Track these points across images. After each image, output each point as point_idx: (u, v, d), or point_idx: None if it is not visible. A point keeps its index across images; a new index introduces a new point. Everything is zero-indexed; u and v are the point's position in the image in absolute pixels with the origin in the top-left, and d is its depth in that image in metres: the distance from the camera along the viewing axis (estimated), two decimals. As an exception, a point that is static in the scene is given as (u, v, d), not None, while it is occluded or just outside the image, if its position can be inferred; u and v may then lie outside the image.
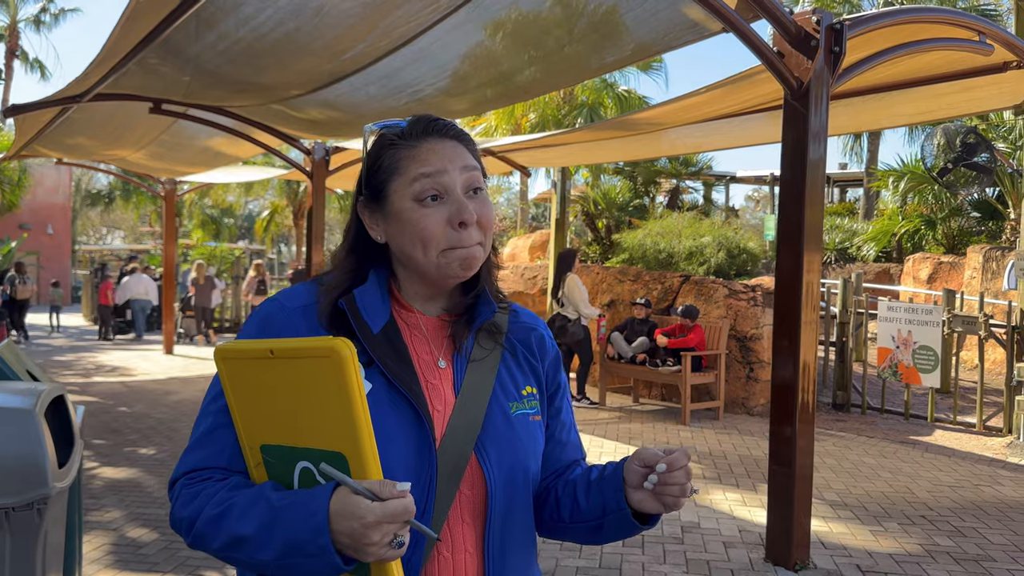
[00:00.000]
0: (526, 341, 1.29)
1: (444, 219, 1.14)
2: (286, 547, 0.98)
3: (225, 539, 1.03)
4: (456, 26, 4.61)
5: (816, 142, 4.27)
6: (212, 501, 1.06)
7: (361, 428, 0.96)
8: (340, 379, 0.95)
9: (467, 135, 1.23)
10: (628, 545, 4.56)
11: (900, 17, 4.57)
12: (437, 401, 1.16)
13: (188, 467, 1.14)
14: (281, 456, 1.05)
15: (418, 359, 1.18)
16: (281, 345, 1.02)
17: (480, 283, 1.23)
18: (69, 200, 33.79)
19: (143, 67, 5.70)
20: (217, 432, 1.14)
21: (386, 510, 0.93)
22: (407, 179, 1.15)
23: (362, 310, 1.16)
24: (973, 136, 7.86)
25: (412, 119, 1.21)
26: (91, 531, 4.63)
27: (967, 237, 13.90)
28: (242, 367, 1.07)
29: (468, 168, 1.17)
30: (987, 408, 7.90)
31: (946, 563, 4.41)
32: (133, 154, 10.74)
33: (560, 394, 1.33)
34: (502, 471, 1.16)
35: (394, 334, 1.17)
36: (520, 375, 1.25)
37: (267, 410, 1.06)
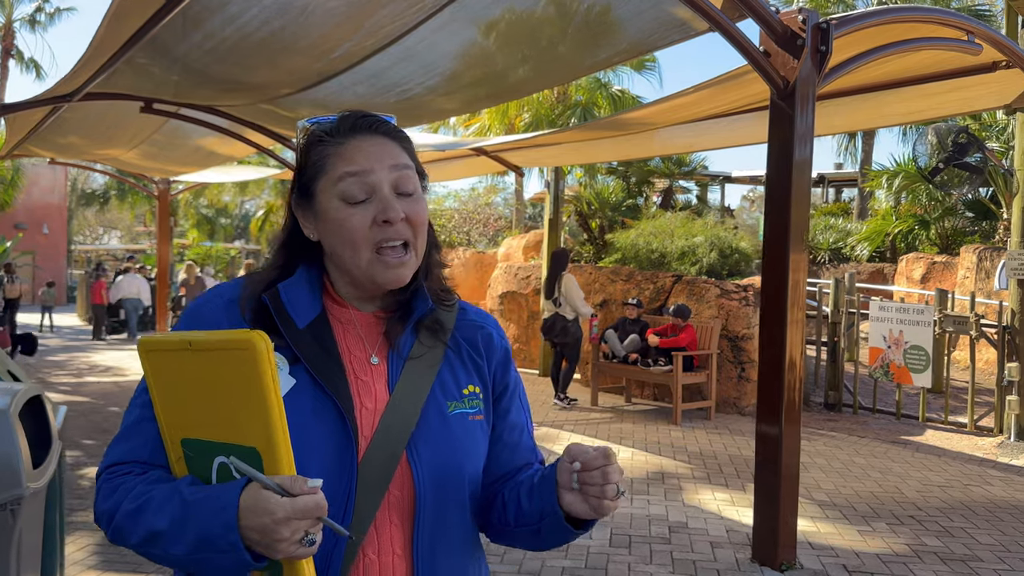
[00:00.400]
0: (472, 339, 1.25)
1: (370, 219, 1.12)
2: (198, 542, 0.97)
3: (142, 534, 1.02)
4: (441, 26, 4.60)
5: (802, 142, 4.26)
6: (130, 495, 1.05)
7: (274, 422, 0.94)
8: (254, 372, 0.94)
9: (400, 132, 1.19)
10: (615, 545, 4.55)
11: (888, 16, 4.56)
12: (367, 399, 1.13)
13: (111, 461, 1.12)
14: (200, 450, 1.03)
15: (349, 356, 1.16)
16: (199, 337, 1.00)
17: (417, 280, 1.20)
18: (65, 200, 33.74)
19: (132, 66, 5.68)
20: (140, 426, 1.12)
21: (296, 506, 0.92)
22: (333, 178, 1.13)
23: (287, 304, 1.14)
24: (964, 136, 7.85)
25: (341, 115, 1.17)
26: (76, 532, 4.61)
27: (961, 237, 13.91)
28: (164, 360, 1.05)
29: (397, 167, 1.14)
30: (979, 408, 7.90)
31: (933, 563, 4.40)
32: (125, 153, 10.73)
33: (508, 395, 1.28)
34: (432, 471, 1.13)
35: (323, 330, 1.15)
36: (463, 374, 1.22)
37: (187, 404, 1.04)
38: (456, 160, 10.00)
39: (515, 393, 1.29)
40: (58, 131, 8.98)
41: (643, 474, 6.08)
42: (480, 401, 1.22)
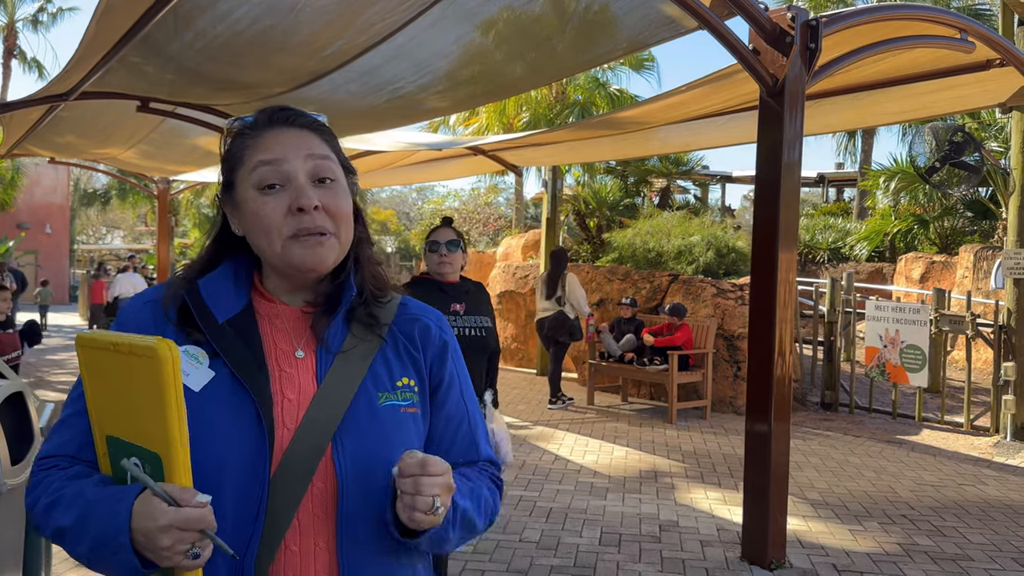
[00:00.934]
0: (409, 332, 1.24)
1: (285, 206, 1.11)
2: (95, 542, 0.98)
3: (52, 529, 1.04)
4: (432, 23, 4.59)
5: (792, 141, 4.25)
6: (49, 490, 1.06)
7: (173, 432, 0.95)
8: (158, 380, 0.95)
9: (321, 125, 1.19)
10: (604, 544, 4.54)
11: (879, 14, 4.55)
12: (290, 391, 1.12)
13: (42, 454, 1.14)
14: (119, 449, 1.04)
15: (274, 349, 1.15)
16: (120, 340, 1.00)
17: (344, 273, 1.20)
18: (67, 200, 33.79)
19: (126, 65, 5.69)
20: (72, 420, 1.13)
21: (179, 516, 0.93)
22: (248, 167, 1.14)
23: (206, 299, 1.14)
24: (961, 135, 7.83)
25: (260, 109, 1.18)
26: (66, 529, 4.61)
27: (960, 237, 13.88)
28: (94, 356, 1.05)
29: (314, 156, 1.14)
30: (975, 408, 7.88)
31: (923, 562, 4.39)
32: (124, 152, 10.74)
33: (444, 387, 1.25)
34: (356, 464, 1.11)
35: (246, 324, 1.15)
36: (398, 366, 1.20)
37: (111, 402, 1.05)
38: (454, 159, 10.00)
39: (452, 386, 1.27)
40: (56, 130, 8.99)
41: (636, 473, 6.07)
42: (414, 394, 1.20)
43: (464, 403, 1.28)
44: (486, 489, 1.24)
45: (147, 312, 1.16)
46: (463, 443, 1.26)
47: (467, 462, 1.26)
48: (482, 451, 1.29)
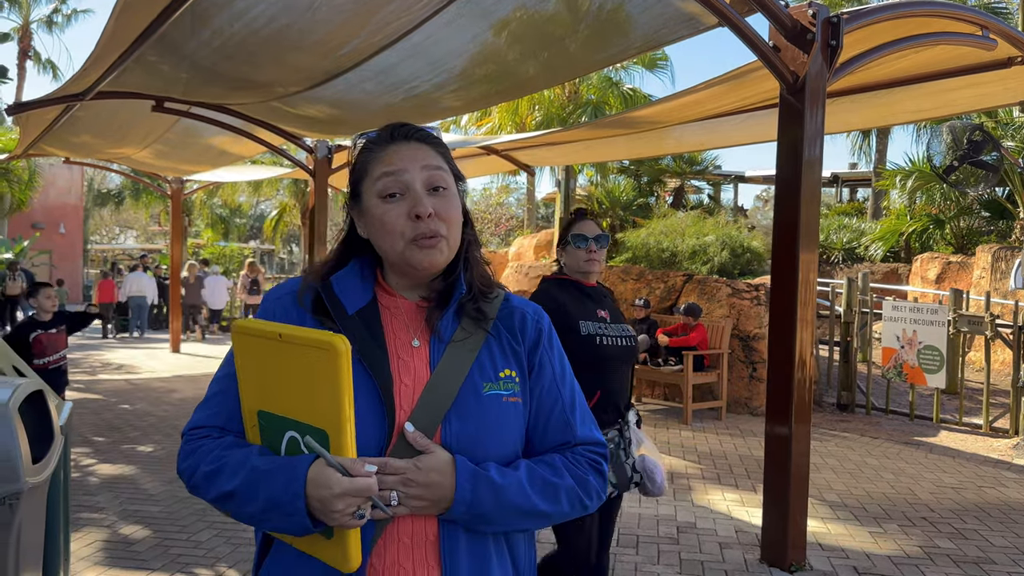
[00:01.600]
0: (510, 326, 1.36)
1: (404, 213, 1.26)
2: (267, 504, 1.15)
3: (216, 493, 1.21)
4: (448, 22, 4.57)
5: (812, 138, 4.20)
6: (208, 458, 1.24)
7: (345, 414, 1.10)
8: (334, 370, 1.09)
9: (435, 139, 1.34)
10: (623, 545, 4.51)
11: (900, 11, 4.50)
12: (407, 377, 1.26)
13: (192, 424, 1.32)
14: (273, 423, 1.20)
15: (394, 338, 1.30)
16: (288, 331, 1.16)
17: (456, 271, 1.34)
18: (81, 200, 33.96)
19: (142, 64, 5.69)
20: (221, 396, 1.31)
21: (353, 484, 1.09)
22: (373, 178, 1.30)
23: (338, 293, 1.31)
24: (980, 134, 7.75)
25: (383, 127, 1.35)
26: (83, 528, 4.62)
27: (976, 237, 13.76)
28: (253, 343, 1.21)
29: (429, 167, 1.29)
30: (994, 409, 7.80)
31: (945, 565, 4.34)
32: (138, 152, 10.77)
33: (536, 372, 1.36)
34: (461, 444, 1.24)
35: (371, 315, 1.30)
36: (501, 358, 1.33)
37: (267, 382, 1.20)
38: (466, 159, 9.98)
39: (544, 371, 1.37)
40: (71, 130, 9.02)
41: (652, 474, 6.03)
42: (516, 384, 1.32)
43: (557, 386, 1.37)
44: (570, 475, 1.31)
45: (288, 302, 1.33)
46: (557, 426, 1.35)
47: (562, 444, 1.35)
48: (578, 433, 1.37)
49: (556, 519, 1.29)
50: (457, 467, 1.21)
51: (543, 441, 1.34)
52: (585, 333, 2.76)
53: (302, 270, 1.41)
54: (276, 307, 1.33)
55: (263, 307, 1.36)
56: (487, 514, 1.22)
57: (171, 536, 4.55)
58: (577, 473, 1.31)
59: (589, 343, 2.75)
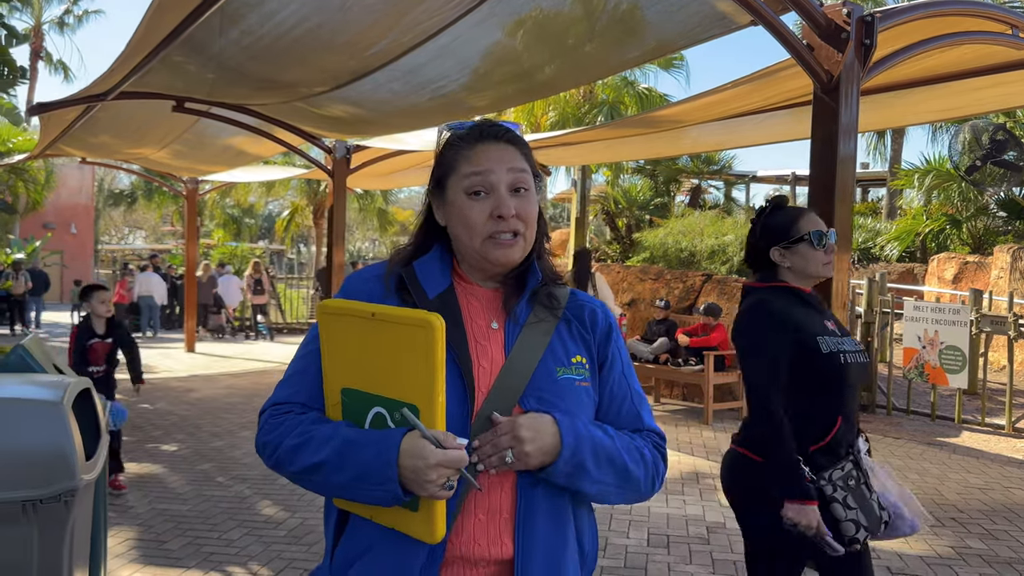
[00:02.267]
0: (580, 316, 1.43)
1: (487, 211, 1.33)
2: (358, 474, 1.19)
3: (302, 465, 1.25)
4: (478, 22, 4.58)
5: (846, 137, 4.19)
6: (293, 432, 1.28)
7: (438, 389, 1.15)
8: (429, 348, 1.14)
9: (520, 139, 1.40)
10: (653, 545, 4.51)
11: (932, 10, 4.48)
12: (484, 360, 1.32)
13: (275, 400, 1.36)
14: (358, 399, 1.25)
15: (471, 322, 1.35)
16: (382, 310, 1.22)
17: (530, 260, 1.40)
18: (92, 200, 34.12)
19: (167, 65, 5.71)
20: (303, 374, 1.36)
21: (447, 456, 1.14)
22: (460, 175, 1.35)
23: (420, 278, 1.37)
24: (1002, 133, 7.73)
25: (472, 124, 1.40)
26: (115, 526, 4.64)
27: (993, 237, 13.70)
28: (341, 322, 1.27)
29: (514, 170, 1.35)
30: (1016, 410, 7.77)
31: (978, 566, 4.33)
32: (156, 153, 10.81)
33: (608, 365, 1.42)
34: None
35: (450, 300, 1.35)
36: (572, 344, 1.39)
37: (354, 360, 1.25)
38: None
39: (615, 364, 1.43)
40: (90, 130, 9.06)
41: (677, 474, 6.03)
42: (586, 370, 1.39)
43: (626, 379, 1.45)
44: (647, 449, 1.40)
45: (373, 284, 1.39)
46: (628, 416, 1.42)
47: (634, 431, 1.42)
48: (645, 422, 1.44)
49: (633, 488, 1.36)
50: (558, 419, 1.28)
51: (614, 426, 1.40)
52: (827, 351, 2.35)
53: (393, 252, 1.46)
54: (362, 289, 1.39)
55: (347, 289, 1.41)
56: (586, 464, 1.28)
57: (202, 535, 4.56)
58: (651, 451, 1.40)
59: (833, 363, 2.35)
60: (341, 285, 1.44)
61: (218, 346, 14.76)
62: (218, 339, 16.14)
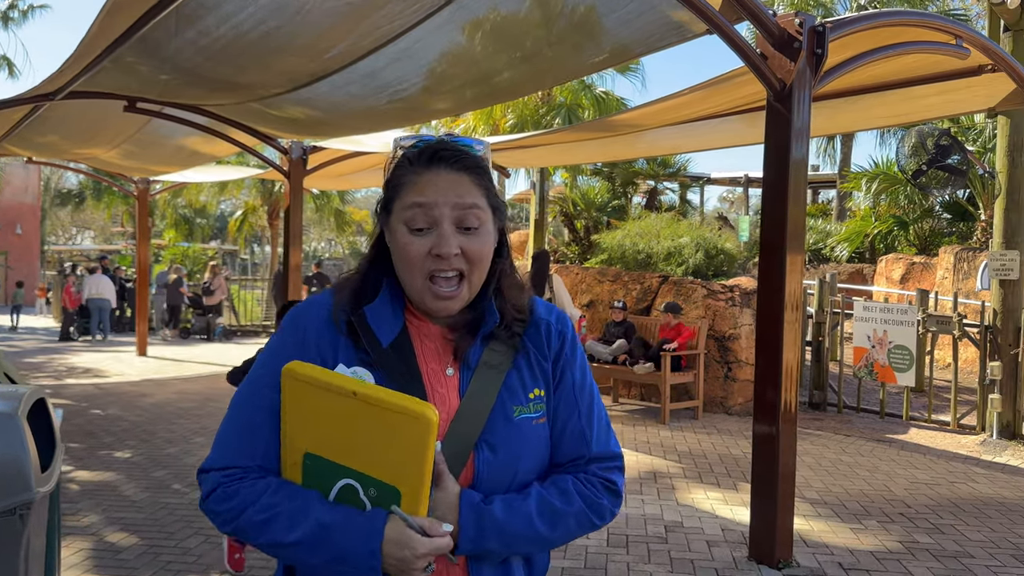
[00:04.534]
0: (537, 340, 1.34)
1: (427, 248, 1.22)
2: (337, 557, 1.15)
3: (270, 540, 1.18)
4: (439, 26, 4.59)
5: (798, 143, 4.30)
6: (255, 505, 1.19)
7: (426, 479, 1.12)
8: (421, 439, 1.09)
9: (477, 166, 1.26)
10: (613, 545, 4.56)
11: (880, 20, 4.62)
12: (442, 408, 1.23)
13: (225, 462, 1.25)
14: (323, 467, 1.18)
15: (427, 367, 1.27)
16: (366, 390, 1.14)
17: (486, 298, 1.30)
18: (38, 200, 33.23)
19: (119, 65, 5.61)
20: (254, 432, 1.25)
21: (434, 545, 1.13)
22: (403, 204, 1.24)
23: (372, 325, 1.26)
24: (946, 138, 7.97)
25: (426, 142, 1.27)
26: (68, 536, 4.54)
27: (939, 238, 14.10)
28: (312, 392, 1.17)
29: (462, 206, 1.23)
30: (961, 407, 8.01)
31: (926, 560, 4.46)
32: (106, 153, 10.58)
33: (557, 382, 1.34)
34: (491, 470, 1.24)
35: (405, 346, 1.27)
36: (530, 378, 1.31)
37: (323, 428, 1.17)
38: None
39: (563, 381, 1.34)
40: (37, 130, 8.83)
41: (635, 474, 6.10)
42: (543, 404, 1.31)
43: (575, 396, 1.34)
44: (579, 501, 1.29)
45: (322, 327, 1.28)
46: (572, 437, 1.33)
47: (577, 458, 1.33)
48: (593, 447, 1.33)
49: (563, 542, 1.32)
50: (461, 505, 1.20)
51: (558, 453, 1.32)
52: None
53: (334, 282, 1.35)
54: (309, 328, 1.28)
55: (293, 329, 1.29)
56: (492, 549, 1.23)
57: (159, 543, 4.49)
58: (589, 495, 1.30)
59: None
60: (285, 322, 1.32)
61: (170, 349, 14.50)
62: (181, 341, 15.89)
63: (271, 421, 1.23)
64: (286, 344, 1.29)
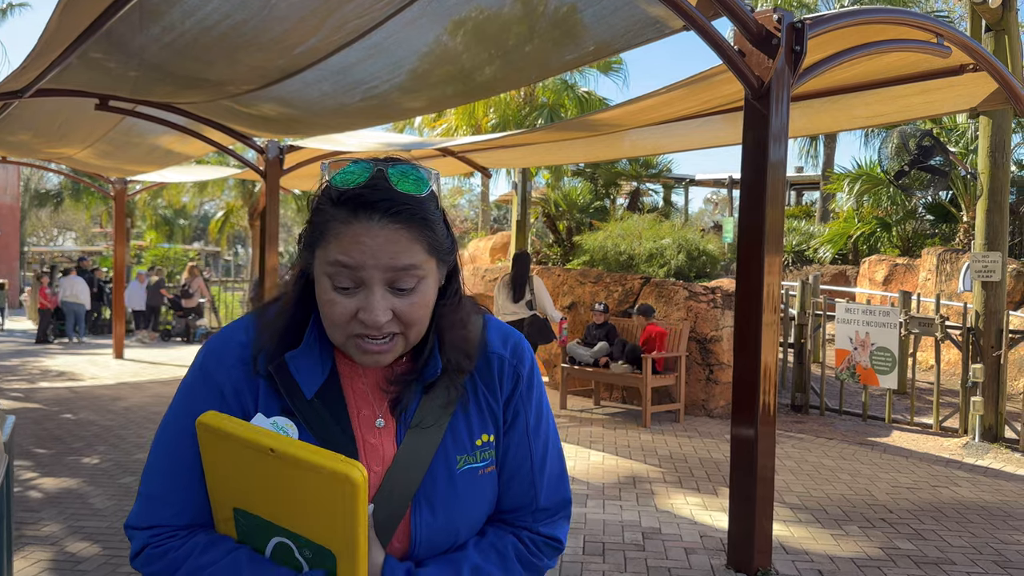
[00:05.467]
0: (488, 378, 1.19)
1: (353, 311, 1.05)
2: None
3: None
4: (410, 21, 4.47)
5: (777, 142, 4.21)
6: (183, 568, 1.08)
7: (360, 541, 0.99)
8: (349, 500, 0.97)
9: (417, 212, 1.06)
10: (589, 553, 4.46)
11: (860, 17, 4.54)
12: (375, 462, 1.12)
13: (151, 521, 1.12)
14: (255, 524, 1.08)
15: (358, 417, 1.14)
16: (283, 447, 1.00)
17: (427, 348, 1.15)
18: (17, 200, 32.85)
19: (86, 62, 5.47)
20: (182, 485, 1.12)
21: None
22: (326, 256, 1.06)
23: (295, 374, 1.12)
24: (929, 139, 7.92)
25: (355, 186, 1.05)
26: (26, 546, 4.39)
27: (921, 239, 14.11)
28: (228, 445, 1.05)
29: (395, 268, 1.05)
30: (943, 409, 7.97)
31: (907, 567, 4.38)
32: (80, 152, 10.40)
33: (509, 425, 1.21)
34: (431, 532, 1.12)
35: (331, 393, 1.13)
36: (478, 422, 1.18)
37: (248, 485, 1.06)
38: (422, 161, 9.85)
39: (516, 423, 1.21)
40: (8, 129, 8.66)
41: (614, 479, 6.01)
42: (492, 451, 1.19)
43: (528, 441, 1.22)
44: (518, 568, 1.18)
45: (238, 374, 1.13)
46: (521, 486, 1.21)
47: (522, 507, 1.22)
48: (542, 499, 1.22)
49: None
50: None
51: (504, 499, 1.21)
52: None
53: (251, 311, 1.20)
54: (224, 383, 1.13)
55: (204, 375, 1.14)
56: None
57: (120, 553, 4.35)
58: (529, 560, 1.19)
59: None
60: (197, 363, 1.17)
61: (148, 352, 14.30)
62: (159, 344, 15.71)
63: (195, 473, 1.11)
64: (197, 393, 1.15)
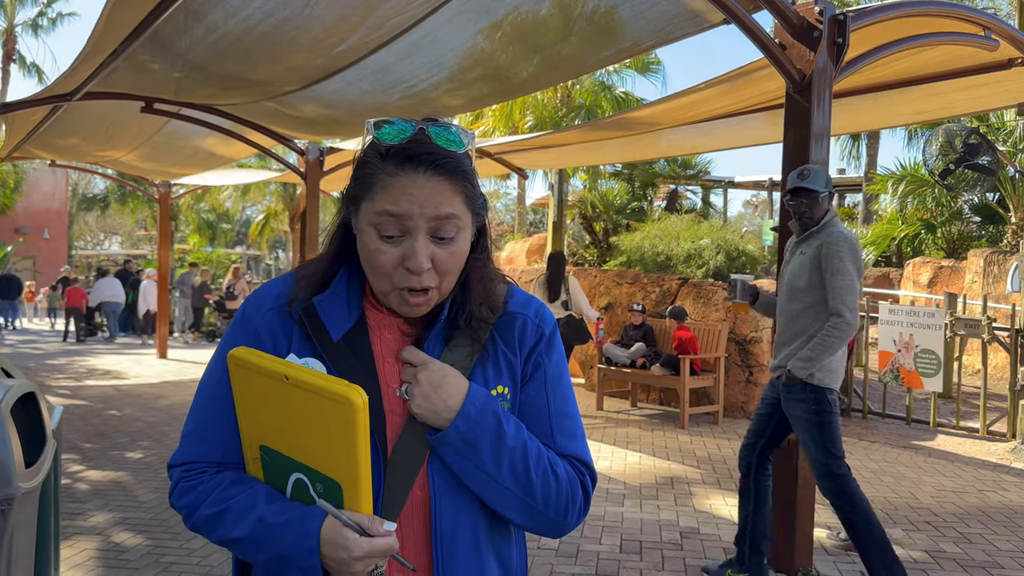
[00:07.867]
0: (509, 336, 1.24)
1: (398, 259, 1.12)
2: (279, 556, 1.08)
3: (219, 537, 1.14)
4: (448, 19, 4.50)
5: (818, 136, 4.15)
6: (209, 499, 1.15)
7: (361, 469, 1.02)
8: (349, 425, 1.00)
9: (457, 167, 1.13)
10: (626, 551, 4.43)
11: (904, 10, 4.46)
12: (398, 408, 1.16)
13: (186, 457, 1.21)
14: (278, 461, 1.12)
15: (384, 364, 1.19)
16: (295, 374, 1.05)
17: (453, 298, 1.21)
18: (66, 205, 33.69)
19: (132, 63, 5.59)
20: (215, 424, 1.20)
21: (372, 546, 1.04)
22: (373, 207, 1.13)
23: (323, 317, 1.18)
24: (976, 137, 7.75)
25: (401, 136, 1.11)
26: (73, 536, 4.49)
27: (967, 241, 13.80)
28: (252, 377, 1.10)
29: (439, 217, 1.12)
30: (990, 413, 7.78)
31: (953, 570, 4.28)
32: (126, 155, 10.64)
33: (528, 379, 1.24)
34: (446, 476, 1.17)
35: (358, 340, 1.18)
36: (494, 374, 1.22)
37: (271, 419, 1.10)
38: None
39: (534, 378, 1.25)
40: (58, 132, 8.89)
41: (652, 479, 5.96)
42: (508, 403, 1.22)
43: (547, 395, 1.25)
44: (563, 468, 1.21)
45: (272, 319, 1.21)
46: (539, 436, 1.23)
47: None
48: (562, 447, 1.24)
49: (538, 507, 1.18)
50: (471, 389, 1.14)
51: None
52: None
53: (294, 269, 1.28)
54: (260, 325, 1.20)
55: (244, 320, 1.22)
56: (480, 447, 1.13)
57: (163, 544, 4.43)
58: (569, 473, 1.22)
59: None
60: (239, 312, 1.25)
61: (191, 352, 14.55)
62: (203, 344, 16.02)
63: (228, 412, 1.18)
64: (236, 337, 1.22)
